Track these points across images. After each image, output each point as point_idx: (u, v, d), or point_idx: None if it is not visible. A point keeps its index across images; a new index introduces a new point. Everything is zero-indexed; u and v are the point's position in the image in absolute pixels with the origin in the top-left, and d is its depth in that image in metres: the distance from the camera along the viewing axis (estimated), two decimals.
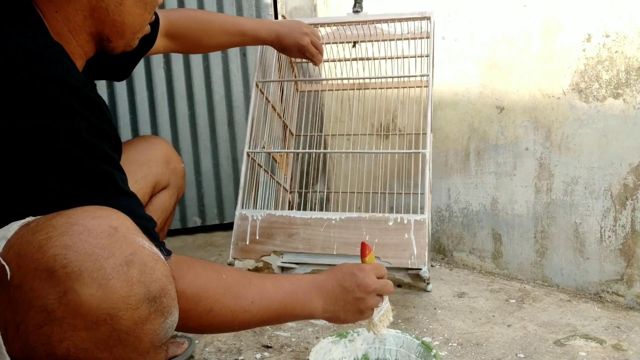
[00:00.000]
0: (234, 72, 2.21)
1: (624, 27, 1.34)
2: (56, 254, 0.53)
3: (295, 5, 2.25)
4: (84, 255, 0.54)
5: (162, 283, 0.58)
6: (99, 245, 0.55)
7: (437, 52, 1.79)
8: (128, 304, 0.55)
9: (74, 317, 0.53)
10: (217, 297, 0.72)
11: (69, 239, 0.54)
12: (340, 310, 0.85)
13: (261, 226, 1.37)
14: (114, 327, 0.55)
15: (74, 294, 0.53)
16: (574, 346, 1.18)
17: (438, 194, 1.84)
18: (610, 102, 1.38)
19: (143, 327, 0.56)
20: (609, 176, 1.40)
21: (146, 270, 0.57)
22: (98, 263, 0.54)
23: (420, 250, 1.20)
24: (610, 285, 1.43)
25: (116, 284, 0.54)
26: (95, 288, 0.53)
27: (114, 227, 0.57)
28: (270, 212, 1.37)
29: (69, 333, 0.53)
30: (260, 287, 0.78)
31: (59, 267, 0.53)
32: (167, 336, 0.61)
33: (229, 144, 2.24)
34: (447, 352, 1.17)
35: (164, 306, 0.58)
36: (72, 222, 0.56)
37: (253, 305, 0.76)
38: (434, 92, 1.81)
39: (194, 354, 1.19)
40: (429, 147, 1.34)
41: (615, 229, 1.41)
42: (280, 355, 1.18)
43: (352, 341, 1.03)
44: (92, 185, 0.64)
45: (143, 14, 0.78)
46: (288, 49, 1.33)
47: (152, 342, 0.58)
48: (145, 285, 0.56)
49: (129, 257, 0.56)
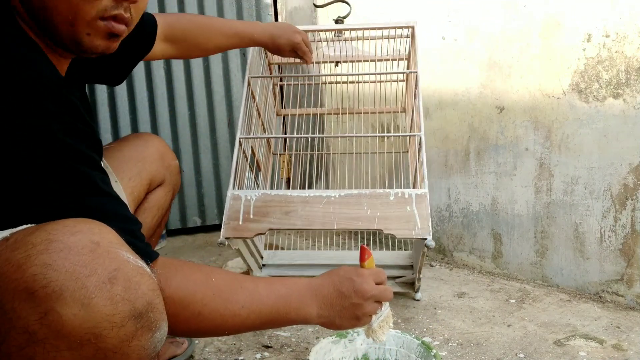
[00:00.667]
0: (234, 72, 2.21)
1: (624, 27, 1.34)
2: (35, 273, 0.52)
3: (295, 5, 2.25)
4: (65, 274, 0.52)
5: (148, 298, 0.57)
6: (80, 263, 0.53)
7: (437, 52, 1.79)
8: (113, 322, 0.53)
9: (56, 338, 0.52)
10: (205, 300, 0.71)
11: (49, 257, 0.52)
12: (336, 316, 0.82)
13: (255, 205, 1.29)
14: (99, 346, 0.53)
15: (56, 314, 0.51)
16: (574, 346, 1.18)
17: (438, 194, 1.84)
18: (610, 102, 1.38)
19: (130, 344, 0.55)
20: (609, 176, 1.40)
21: (131, 285, 0.55)
22: (79, 282, 0.52)
23: (424, 221, 1.18)
24: (610, 285, 1.43)
25: (99, 303, 0.53)
26: (77, 308, 0.52)
27: (95, 242, 0.55)
28: (265, 191, 1.31)
29: (52, 354, 0.52)
30: (252, 290, 0.76)
31: (39, 287, 0.51)
32: (156, 350, 0.59)
33: (229, 144, 2.24)
34: (447, 352, 1.17)
35: (151, 321, 0.57)
36: (52, 239, 0.54)
37: (243, 309, 0.74)
38: (434, 92, 1.82)
39: (194, 354, 1.19)
40: (422, 130, 1.33)
41: (615, 229, 1.41)
42: (280, 355, 1.18)
43: (352, 341, 1.03)
44: (71, 187, 0.62)
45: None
46: (282, 48, 1.36)
47: (140, 357, 0.57)
48: (131, 301, 0.55)
49: (112, 273, 0.54)
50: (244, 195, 1.31)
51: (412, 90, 1.51)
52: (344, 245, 2.02)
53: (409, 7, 1.87)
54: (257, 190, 1.33)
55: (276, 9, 2.24)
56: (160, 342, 0.59)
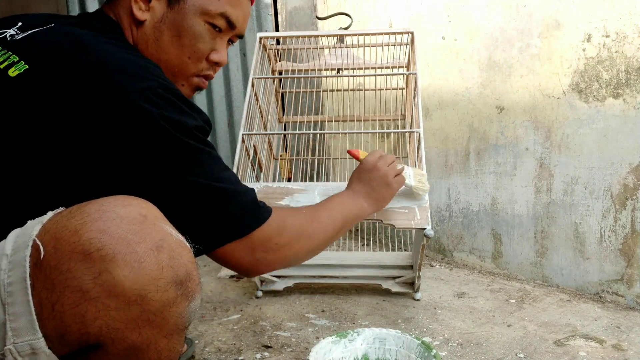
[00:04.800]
0: (234, 72, 2.21)
1: (624, 27, 1.34)
2: (91, 237, 0.56)
3: (295, 5, 2.25)
4: (118, 240, 0.57)
5: (188, 268, 0.61)
6: (131, 231, 0.58)
7: (437, 52, 1.79)
8: (158, 286, 0.58)
9: (107, 297, 0.56)
10: (307, 227, 0.88)
11: (103, 224, 0.57)
12: (376, 195, 1.05)
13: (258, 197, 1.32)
14: (144, 308, 0.58)
15: (109, 274, 0.56)
16: (574, 346, 1.18)
17: (438, 194, 1.84)
18: (610, 102, 1.38)
19: (170, 310, 0.59)
20: (609, 176, 1.40)
21: (174, 255, 0.60)
22: (130, 247, 0.57)
23: (423, 212, 1.20)
24: (610, 285, 1.43)
25: (147, 267, 0.57)
26: (128, 270, 0.56)
27: (143, 215, 0.60)
28: (267, 184, 1.32)
29: (102, 312, 0.56)
30: (326, 208, 0.95)
31: (94, 249, 0.56)
32: (190, 320, 0.64)
33: (229, 144, 2.24)
34: (447, 352, 1.17)
35: (189, 290, 0.61)
36: (105, 209, 0.59)
37: (329, 220, 0.93)
38: (434, 92, 1.82)
39: (194, 354, 1.19)
40: (421, 126, 1.36)
41: (615, 229, 1.40)
42: (280, 355, 1.17)
43: (352, 341, 1.03)
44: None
45: (180, 55, 0.81)
46: None
47: (177, 324, 0.61)
48: (174, 269, 0.59)
49: (158, 242, 0.59)
50: None
51: (412, 93, 1.52)
52: (344, 245, 2.02)
53: (409, 7, 1.88)
54: (258, 183, 1.34)
55: (276, 9, 2.24)
56: (194, 313, 0.64)
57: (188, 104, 0.73)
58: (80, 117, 0.65)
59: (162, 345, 0.61)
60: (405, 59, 1.69)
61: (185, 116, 0.71)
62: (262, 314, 1.41)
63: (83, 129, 0.66)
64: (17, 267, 0.56)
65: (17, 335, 0.55)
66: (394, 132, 1.67)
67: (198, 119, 0.73)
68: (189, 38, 0.81)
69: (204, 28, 0.81)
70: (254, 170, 1.54)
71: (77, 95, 0.65)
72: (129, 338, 0.58)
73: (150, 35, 0.80)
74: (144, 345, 0.59)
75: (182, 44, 0.80)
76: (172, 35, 0.80)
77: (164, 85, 0.70)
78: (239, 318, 1.39)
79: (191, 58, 0.82)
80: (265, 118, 1.63)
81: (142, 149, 0.68)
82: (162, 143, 0.68)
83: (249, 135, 1.45)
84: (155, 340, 0.60)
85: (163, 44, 0.80)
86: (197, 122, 0.73)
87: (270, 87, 1.72)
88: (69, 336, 0.56)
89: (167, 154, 0.69)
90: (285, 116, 1.87)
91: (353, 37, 1.69)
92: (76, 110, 0.65)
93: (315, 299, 1.51)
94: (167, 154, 0.69)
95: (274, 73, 1.74)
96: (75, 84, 0.66)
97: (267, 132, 1.64)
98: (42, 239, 0.57)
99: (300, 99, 1.82)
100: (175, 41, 0.80)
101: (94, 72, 0.66)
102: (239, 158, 1.37)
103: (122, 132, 0.66)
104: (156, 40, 0.80)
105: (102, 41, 0.71)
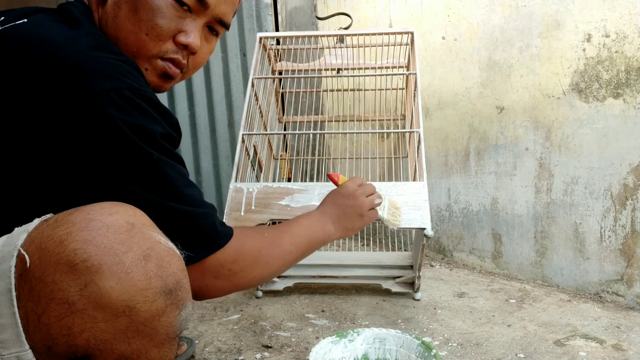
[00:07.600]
0: (234, 72, 2.21)
1: (624, 27, 1.34)
2: (76, 248, 0.55)
3: (295, 5, 2.25)
4: (104, 250, 0.56)
5: (177, 277, 0.60)
6: (118, 240, 0.57)
7: (437, 52, 1.79)
8: (146, 296, 0.57)
9: (94, 309, 0.55)
10: (268, 251, 0.86)
11: (89, 234, 0.56)
12: (346, 223, 1.01)
13: (257, 197, 1.31)
14: (132, 319, 0.57)
15: (95, 286, 0.55)
16: (574, 346, 1.18)
17: (438, 194, 1.84)
18: (610, 102, 1.38)
19: (159, 320, 0.58)
20: (609, 176, 1.40)
21: (163, 264, 0.59)
22: (117, 257, 0.56)
23: (423, 212, 1.20)
24: (610, 285, 1.43)
25: (135, 277, 0.56)
26: (114, 281, 0.55)
27: (130, 222, 0.59)
28: (267, 184, 1.33)
29: (89, 324, 0.55)
30: (290, 231, 0.92)
31: (80, 260, 0.55)
32: (181, 328, 0.63)
33: (229, 143, 2.23)
34: (447, 352, 1.17)
35: (179, 299, 0.60)
36: (91, 218, 0.57)
37: (292, 246, 0.90)
38: (434, 92, 1.82)
39: (194, 354, 1.19)
40: (421, 126, 1.37)
41: (615, 229, 1.40)
42: (280, 355, 1.17)
43: (352, 341, 1.03)
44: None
45: (137, 31, 0.75)
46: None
47: (167, 334, 0.60)
48: (162, 278, 0.59)
49: (146, 251, 0.58)
50: (246, 187, 1.33)
51: (412, 93, 1.52)
52: (344, 245, 2.02)
53: (409, 7, 1.87)
54: (258, 183, 1.34)
55: (276, 9, 2.23)
56: (185, 321, 0.63)
57: (156, 107, 0.69)
58: (49, 120, 0.63)
59: (153, 355, 0.60)
60: (405, 59, 1.69)
61: (151, 122, 0.67)
62: (262, 314, 1.41)
63: (52, 131, 0.64)
64: (2, 278, 0.55)
65: (3, 348, 0.55)
66: (394, 132, 1.67)
67: (165, 126, 0.69)
68: (145, 12, 0.74)
69: (166, 3, 0.74)
70: (254, 170, 1.54)
71: (44, 98, 0.63)
72: (117, 349, 0.57)
73: (110, 12, 0.75)
74: (134, 355, 0.58)
75: (138, 18, 0.74)
76: (128, 9, 0.74)
77: (131, 86, 0.66)
78: (239, 318, 1.39)
79: (149, 35, 0.75)
80: (265, 118, 1.63)
81: (103, 156, 0.65)
82: (123, 152, 0.65)
83: (249, 135, 1.45)
84: (145, 350, 0.59)
85: (120, 20, 0.74)
86: (163, 129, 0.69)
87: (270, 87, 1.72)
88: (57, 348, 0.55)
89: (127, 164, 0.66)
90: (285, 116, 1.88)
91: (353, 37, 1.70)
92: (45, 113, 0.63)
93: (315, 299, 1.51)
94: (128, 163, 0.66)
95: (274, 73, 1.74)
96: (42, 86, 0.64)
97: (267, 132, 1.64)
98: (27, 249, 0.56)
99: (300, 99, 1.82)
100: (132, 16, 0.74)
101: (61, 73, 0.64)
102: (239, 158, 1.38)
103: (86, 137, 0.64)
104: (114, 17, 0.75)
105: (71, 37, 0.68)
